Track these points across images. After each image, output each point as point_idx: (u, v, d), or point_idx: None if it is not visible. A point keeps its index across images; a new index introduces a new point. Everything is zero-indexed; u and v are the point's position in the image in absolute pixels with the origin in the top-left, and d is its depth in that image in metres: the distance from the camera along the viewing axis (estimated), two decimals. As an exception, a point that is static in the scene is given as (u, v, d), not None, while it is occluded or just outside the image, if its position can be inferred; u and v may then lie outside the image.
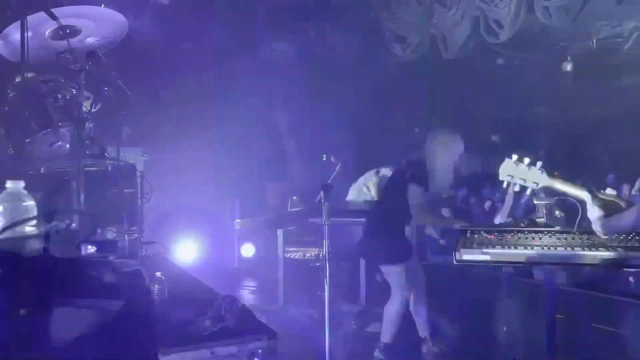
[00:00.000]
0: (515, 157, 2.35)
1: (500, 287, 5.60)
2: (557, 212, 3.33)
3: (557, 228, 3.34)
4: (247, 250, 7.39)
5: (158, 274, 2.82)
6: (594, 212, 2.30)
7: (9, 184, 1.41)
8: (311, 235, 7.83)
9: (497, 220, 5.40)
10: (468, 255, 3.08)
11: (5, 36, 3.01)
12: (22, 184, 1.42)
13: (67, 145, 3.46)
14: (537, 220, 3.48)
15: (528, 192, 2.38)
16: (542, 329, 4.14)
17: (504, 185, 2.38)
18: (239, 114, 7.82)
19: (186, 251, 6.85)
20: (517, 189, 2.38)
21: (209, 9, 7.64)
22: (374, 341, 4.35)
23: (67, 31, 3.06)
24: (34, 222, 1.13)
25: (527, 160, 2.35)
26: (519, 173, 2.35)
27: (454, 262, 3.15)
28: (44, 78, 3.15)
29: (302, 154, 9.04)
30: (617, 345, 4.27)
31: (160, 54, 7.16)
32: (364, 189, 4.14)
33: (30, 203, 1.40)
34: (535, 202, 3.32)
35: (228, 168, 7.72)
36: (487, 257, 3.06)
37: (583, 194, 2.32)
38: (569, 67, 7.61)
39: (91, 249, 1.22)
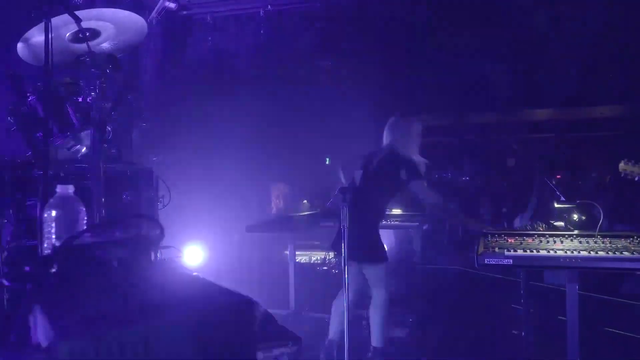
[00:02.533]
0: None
1: (507, 291, 5.60)
2: (575, 216, 3.32)
3: (576, 232, 3.34)
4: (255, 254, 7.36)
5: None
6: None
7: (59, 189, 1.40)
8: (317, 238, 7.83)
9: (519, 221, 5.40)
10: (490, 259, 3.08)
11: (26, 39, 2.99)
12: (72, 188, 1.40)
13: (84, 149, 3.45)
14: (556, 223, 3.47)
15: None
16: (553, 334, 4.15)
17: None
18: (242, 117, 7.80)
19: (192, 255, 6.81)
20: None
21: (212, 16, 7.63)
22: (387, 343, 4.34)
23: (87, 34, 3.03)
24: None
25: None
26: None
27: (476, 266, 3.15)
28: (63, 81, 3.13)
29: (305, 157, 9.04)
30: (632, 349, 4.27)
31: (165, 58, 7.16)
32: None
33: (81, 208, 1.39)
34: (556, 205, 3.31)
35: (233, 170, 7.70)
36: (509, 261, 3.06)
37: None
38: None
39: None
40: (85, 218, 1.38)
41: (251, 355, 0.79)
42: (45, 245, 1.33)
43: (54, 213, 1.33)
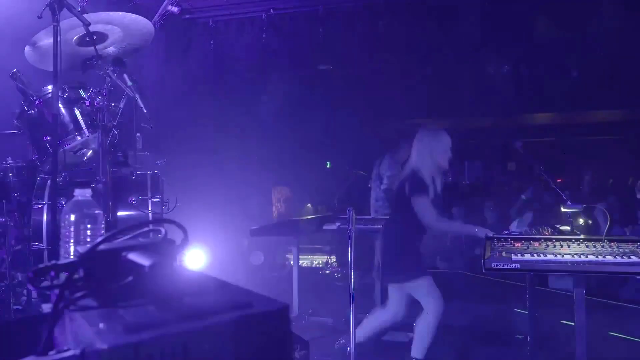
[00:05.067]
0: None
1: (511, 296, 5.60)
2: (581, 220, 3.32)
3: (583, 236, 3.33)
4: (257, 257, 7.36)
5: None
6: None
7: (76, 192, 1.39)
8: (319, 242, 7.83)
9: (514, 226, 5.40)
10: (497, 264, 3.08)
11: (34, 42, 2.98)
12: (89, 192, 1.40)
13: (90, 152, 3.45)
14: (562, 228, 3.47)
15: None
16: (558, 339, 4.15)
17: None
18: (244, 121, 7.82)
19: (195, 258, 6.80)
20: None
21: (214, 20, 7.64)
22: (389, 349, 4.32)
23: (94, 37, 3.03)
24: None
25: None
26: None
27: (483, 270, 3.15)
28: (71, 85, 3.13)
29: (307, 161, 9.05)
30: (636, 354, 4.27)
31: (167, 62, 7.17)
32: None
33: (98, 212, 1.38)
34: (563, 209, 3.31)
35: (234, 173, 7.70)
36: (516, 265, 3.06)
37: None
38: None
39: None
40: (103, 222, 1.39)
41: (288, 358, 0.78)
42: (65, 250, 1.32)
43: (72, 217, 1.33)
